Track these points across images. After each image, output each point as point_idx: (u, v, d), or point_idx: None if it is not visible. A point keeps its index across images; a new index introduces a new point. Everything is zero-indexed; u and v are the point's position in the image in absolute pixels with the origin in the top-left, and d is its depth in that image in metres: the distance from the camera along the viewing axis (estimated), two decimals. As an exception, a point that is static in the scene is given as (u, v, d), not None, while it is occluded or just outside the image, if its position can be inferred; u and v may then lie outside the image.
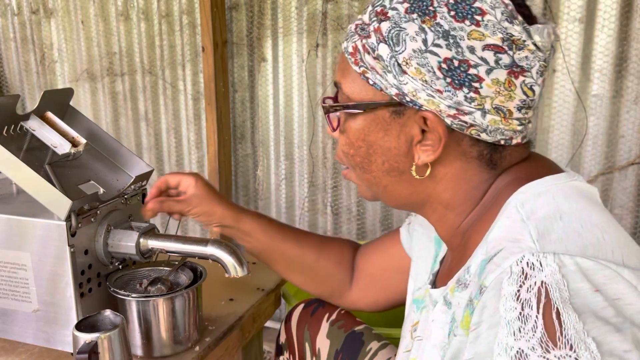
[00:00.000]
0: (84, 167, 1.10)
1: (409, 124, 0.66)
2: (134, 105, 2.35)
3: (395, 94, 0.64)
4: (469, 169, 0.67)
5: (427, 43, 0.61)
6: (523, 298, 0.52)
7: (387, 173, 0.70)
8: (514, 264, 0.54)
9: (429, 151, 0.65)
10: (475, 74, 0.61)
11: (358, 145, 0.70)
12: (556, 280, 0.51)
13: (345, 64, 0.69)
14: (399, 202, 0.73)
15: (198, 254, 0.97)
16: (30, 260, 0.96)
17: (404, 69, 0.62)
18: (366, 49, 0.65)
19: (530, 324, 0.51)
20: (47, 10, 2.41)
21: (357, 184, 0.76)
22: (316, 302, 1.10)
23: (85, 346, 0.81)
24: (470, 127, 0.63)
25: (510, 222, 0.59)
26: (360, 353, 1.00)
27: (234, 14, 2.08)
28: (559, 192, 0.61)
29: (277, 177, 2.17)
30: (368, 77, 0.65)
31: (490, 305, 0.54)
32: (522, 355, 0.50)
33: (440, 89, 0.62)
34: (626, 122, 1.67)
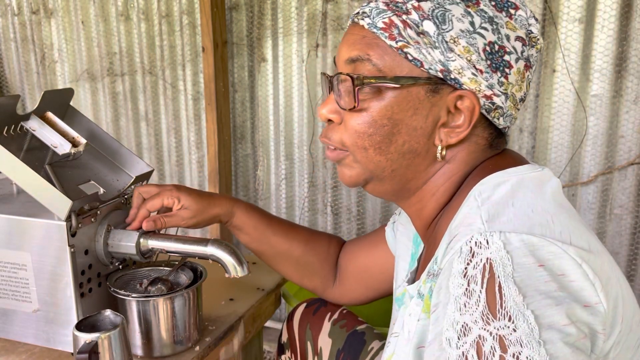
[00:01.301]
0: (84, 167, 1.10)
1: (439, 104, 0.66)
2: (134, 106, 2.35)
3: (440, 70, 0.64)
4: (475, 151, 0.69)
5: (474, 25, 0.64)
6: (469, 274, 0.54)
7: (402, 155, 0.69)
8: (463, 244, 0.56)
9: (454, 132, 0.67)
10: (508, 60, 0.65)
11: (382, 123, 0.67)
12: (501, 256, 0.53)
13: (368, 39, 0.67)
14: (395, 187, 0.72)
15: (198, 254, 0.97)
16: (30, 260, 0.96)
17: (451, 46, 0.64)
18: (407, 24, 0.64)
19: (474, 299, 0.53)
20: (48, 10, 2.41)
21: (346, 168, 0.73)
22: (318, 302, 1.10)
23: (86, 346, 0.81)
24: (495, 110, 0.67)
25: (467, 210, 0.61)
26: (362, 352, 1.00)
27: (234, 14, 2.08)
28: (517, 182, 0.63)
29: (277, 177, 2.17)
30: (408, 52, 0.64)
31: (444, 285, 0.57)
32: (466, 328, 0.52)
33: (482, 69, 0.64)
34: (626, 122, 1.67)
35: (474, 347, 0.51)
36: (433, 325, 0.57)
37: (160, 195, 0.99)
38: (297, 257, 1.04)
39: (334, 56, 1.95)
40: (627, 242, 1.76)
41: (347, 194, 2.07)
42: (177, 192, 0.98)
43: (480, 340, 0.51)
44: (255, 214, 1.03)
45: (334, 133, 0.72)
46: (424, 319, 0.62)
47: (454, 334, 0.53)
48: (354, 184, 0.74)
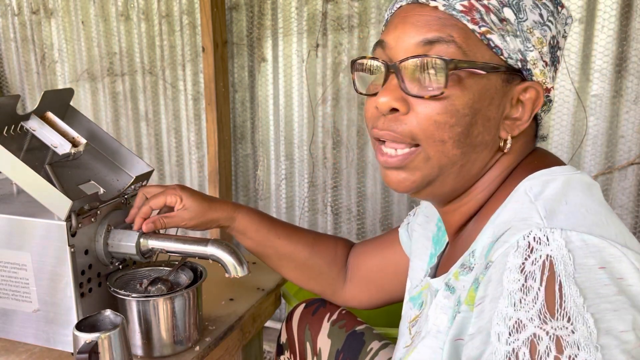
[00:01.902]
0: (84, 167, 1.10)
1: (509, 95, 0.64)
2: (134, 106, 2.35)
3: (519, 60, 0.62)
4: (525, 142, 0.69)
5: (543, 17, 0.63)
6: (527, 270, 0.52)
7: (474, 148, 0.64)
8: (520, 238, 0.54)
9: (516, 124, 0.66)
10: (559, 55, 0.66)
11: (464, 113, 0.62)
12: (562, 254, 0.51)
13: (444, 20, 0.62)
14: (455, 187, 0.68)
15: (198, 254, 0.97)
16: (30, 260, 0.96)
17: (528, 36, 0.62)
18: (489, 8, 0.61)
19: (531, 296, 0.51)
20: (48, 10, 2.41)
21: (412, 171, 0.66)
22: (317, 302, 1.10)
23: (86, 346, 0.81)
24: (547, 103, 0.67)
25: (519, 205, 0.59)
26: (361, 353, 1.00)
27: (234, 14, 2.08)
28: (566, 180, 0.61)
29: (277, 177, 2.17)
30: (490, 39, 0.61)
31: (495, 279, 0.54)
32: (520, 325, 0.50)
33: (547, 62, 0.64)
34: (626, 122, 1.67)
35: (527, 345, 0.49)
36: (477, 318, 0.55)
37: (163, 193, 0.98)
38: (303, 260, 1.02)
39: (334, 56, 1.95)
40: (627, 242, 1.76)
41: (347, 194, 2.07)
42: (180, 191, 0.98)
43: (535, 338, 0.49)
44: (258, 217, 1.02)
45: (399, 124, 0.64)
46: (465, 311, 0.59)
47: (505, 329, 0.51)
48: (415, 188, 0.67)
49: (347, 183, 2.06)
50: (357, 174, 2.04)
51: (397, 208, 2.00)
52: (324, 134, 2.04)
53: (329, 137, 2.04)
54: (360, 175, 2.04)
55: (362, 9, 1.88)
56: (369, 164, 2.01)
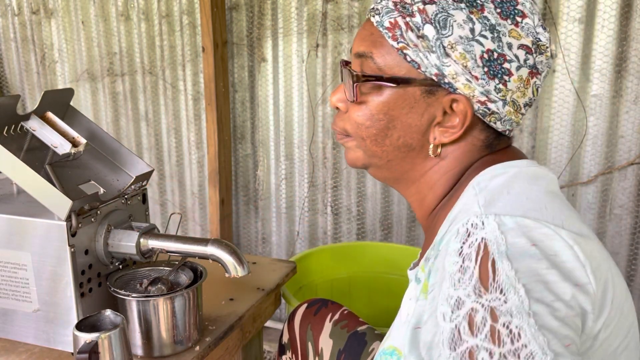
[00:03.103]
0: (84, 167, 1.10)
1: (435, 105, 0.69)
2: (134, 106, 2.35)
3: (434, 74, 0.67)
4: (470, 151, 0.72)
5: (474, 32, 0.65)
6: (465, 253, 0.56)
7: (397, 148, 0.72)
8: (460, 226, 0.58)
9: (448, 132, 0.70)
10: (507, 68, 0.66)
11: (379, 118, 0.71)
12: (495, 235, 0.55)
13: (375, 36, 0.70)
14: (393, 176, 0.76)
15: (198, 253, 0.97)
16: (30, 260, 0.96)
17: (448, 52, 0.65)
18: (409, 26, 0.66)
19: (468, 274, 0.54)
20: (48, 10, 2.41)
21: (351, 151, 0.77)
22: (319, 302, 1.10)
23: (86, 346, 0.81)
24: (491, 115, 0.69)
25: (466, 198, 0.65)
26: (363, 353, 1.00)
27: (234, 14, 2.08)
28: (514, 174, 0.66)
29: (277, 177, 2.17)
30: (407, 54, 0.67)
31: (441, 266, 0.59)
32: (460, 302, 0.54)
33: (477, 76, 0.66)
34: (626, 122, 1.67)
35: (466, 319, 0.53)
36: (429, 305, 0.60)
37: None
38: None
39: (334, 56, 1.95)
40: (626, 242, 1.76)
41: (347, 194, 2.07)
42: None
43: (472, 312, 0.52)
44: None
45: (339, 120, 0.76)
46: (421, 299, 0.64)
47: (448, 308, 0.54)
48: (355, 165, 0.79)
49: (347, 183, 2.06)
50: (357, 174, 2.04)
51: (397, 208, 2.00)
52: (324, 134, 2.04)
53: (329, 137, 2.04)
54: (360, 175, 2.03)
55: (362, 9, 1.88)
56: (369, 164, 2.01)
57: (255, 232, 2.27)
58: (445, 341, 0.53)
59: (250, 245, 2.30)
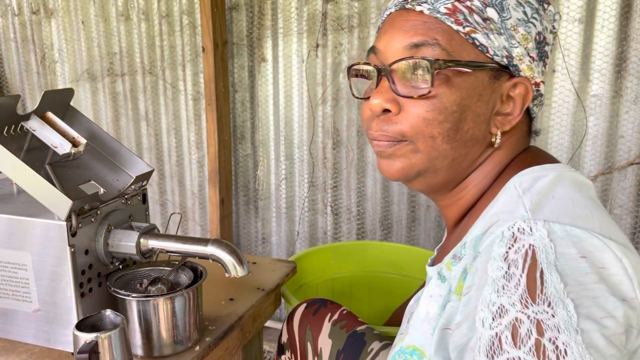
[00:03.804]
0: (84, 167, 1.10)
1: (498, 91, 0.67)
2: (134, 106, 2.35)
3: (505, 56, 0.65)
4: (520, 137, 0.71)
5: (527, 15, 0.66)
6: (510, 258, 0.54)
7: (464, 143, 0.67)
8: (505, 229, 0.57)
9: (507, 119, 0.68)
10: (547, 51, 0.68)
11: (452, 110, 0.65)
12: (544, 244, 0.53)
13: (430, 24, 0.65)
14: (446, 179, 0.70)
15: (198, 253, 0.97)
16: (30, 260, 0.96)
17: (512, 33, 0.65)
18: (472, 9, 0.64)
19: (513, 282, 0.53)
20: (48, 10, 2.41)
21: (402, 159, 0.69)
22: (318, 302, 1.10)
23: (86, 346, 0.81)
24: (538, 97, 0.70)
25: (508, 199, 0.62)
26: (362, 353, 1.00)
27: (234, 14, 2.08)
28: (556, 177, 0.63)
29: (277, 177, 2.17)
30: (475, 38, 0.64)
31: (481, 268, 0.57)
32: (503, 310, 0.52)
33: (534, 57, 0.67)
34: (626, 122, 1.67)
35: (509, 329, 0.51)
36: (464, 307, 0.58)
37: None
38: None
39: (334, 56, 1.95)
40: (627, 242, 1.76)
41: (347, 194, 2.07)
42: None
43: (517, 322, 0.51)
44: None
45: (390, 124, 0.68)
46: (454, 300, 0.62)
47: (489, 315, 0.53)
48: (404, 177, 0.70)
49: (347, 183, 2.06)
50: (357, 174, 2.04)
51: (397, 208, 2.00)
52: (324, 134, 2.04)
53: (329, 137, 2.04)
54: (360, 175, 2.04)
55: (362, 9, 1.88)
56: (369, 164, 2.01)
57: (255, 232, 2.27)
58: (483, 348, 0.52)
59: (250, 245, 2.30)
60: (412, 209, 1.97)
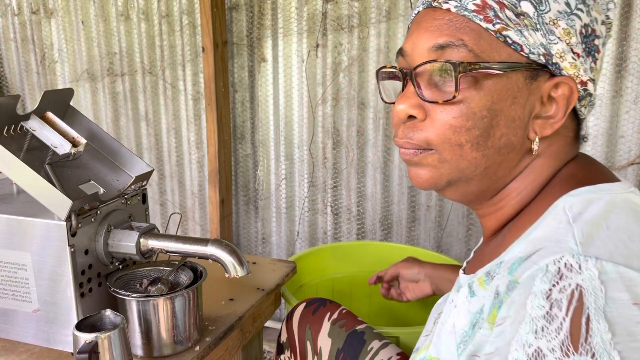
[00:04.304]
0: (84, 167, 1.10)
1: (536, 92, 0.61)
2: (134, 106, 2.35)
3: (542, 54, 0.59)
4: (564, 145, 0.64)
5: (570, 6, 0.59)
6: (554, 298, 0.49)
7: (498, 150, 0.62)
8: (550, 262, 0.51)
9: (549, 122, 0.61)
10: (597, 45, 0.61)
11: (482, 115, 0.60)
12: (593, 286, 0.48)
13: (457, 23, 0.60)
14: (481, 188, 0.65)
15: (198, 253, 0.97)
16: (30, 260, 0.96)
17: (551, 28, 0.59)
18: (504, 5, 0.59)
19: (555, 325, 0.48)
20: (48, 10, 2.41)
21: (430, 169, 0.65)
22: (318, 301, 1.10)
23: (86, 346, 0.81)
24: (585, 98, 0.62)
25: (556, 223, 0.56)
26: (362, 352, 1.00)
27: (234, 14, 2.08)
28: (611, 201, 0.57)
29: (277, 177, 2.17)
30: (507, 35, 0.59)
31: (518, 302, 0.53)
32: (540, 354, 0.48)
33: (579, 53, 0.60)
34: (626, 122, 1.67)
35: None
36: (496, 338, 0.54)
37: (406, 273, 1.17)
38: None
39: (334, 56, 1.95)
40: (627, 242, 1.76)
41: (347, 194, 2.07)
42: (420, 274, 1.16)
43: None
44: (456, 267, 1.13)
45: (416, 131, 0.64)
46: (485, 328, 0.57)
47: (523, 356, 0.49)
48: (434, 186, 0.66)
49: (347, 183, 2.06)
50: (357, 174, 2.04)
51: (397, 208, 2.00)
52: (324, 134, 2.04)
53: (329, 137, 2.04)
54: (360, 175, 2.03)
55: (362, 9, 1.88)
56: (369, 164, 2.01)
57: (255, 232, 2.27)
58: None
59: (250, 245, 2.30)
60: (412, 209, 1.97)
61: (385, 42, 1.87)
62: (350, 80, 1.95)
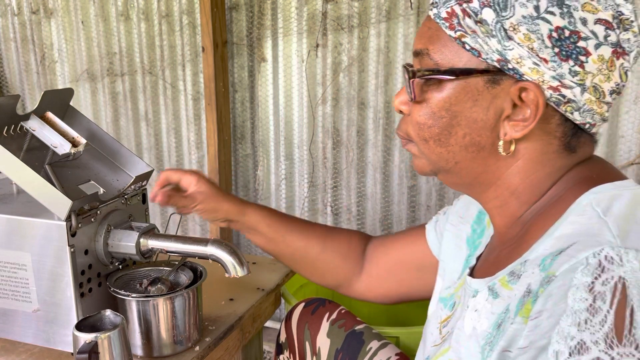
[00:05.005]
0: (84, 167, 1.10)
1: (501, 96, 0.63)
2: (134, 106, 2.35)
3: (496, 60, 0.61)
4: (548, 152, 0.65)
5: (539, 10, 0.59)
6: (597, 290, 0.50)
7: (464, 148, 0.66)
8: (590, 255, 0.52)
9: (519, 126, 0.63)
10: (583, 47, 0.59)
11: (440, 115, 0.66)
12: (636, 277, 0.49)
13: (433, 30, 0.65)
14: (464, 180, 0.70)
15: (198, 254, 0.97)
16: (30, 260, 0.96)
17: (510, 34, 0.60)
18: (467, 12, 0.62)
19: (599, 318, 0.49)
20: (47, 10, 2.41)
21: (416, 159, 0.73)
22: (317, 301, 1.10)
23: (86, 346, 0.81)
24: (567, 104, 0.62)
25: (586, 219, 0.57)
26: (361, 352, 1.00)
27: (234, 14, 2.08)
28: (633, 197, 0.58)
29: (277, 177, 2.17)
30: (465, 42, 0.62)
31: (557, 295, 0.53)
32: (583, 347, 0.49)
33: (546, 58, 0.60)
34: (626, 122, 1.67)
35: None
36: (530, 332, 0.54)
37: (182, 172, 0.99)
38: (316, 255, 1.00)
39: (334, 56, 1.94)
40: (626, 242, 1.76)
41: (347, 194, 2.07)
42: (196, 175, 0.98)
43: None
44: (268, 212, 1.01)
45: (403, 123, 0.72)
46: (518, 322, 0.57)
47: (565, 349, 0.49)
48: (423, 173, 0.74)
49: (347, 183, 2.06)
50: (357, 174, 2.04)
51: (397, 208, 2.00)
52: (324, 134, 2.05)
53: (329, 137, 2.04)
54: (360, 175, 2.04)
55: (362, 9, 1.88)
56: (369, 164, 2.01)
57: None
58: None
59: (250, 245, 2.30)
60: (412, 209, 1.97)
61: (385, 42, 1.88)
62: (350, 80, 1.95)
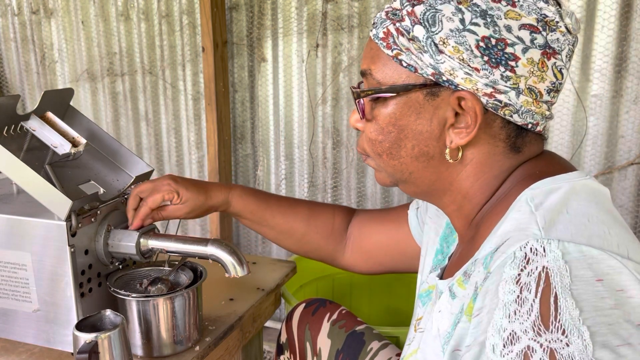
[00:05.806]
0: (84, 167, 1.10)
1: (442, 106, 0.65)
2: (134, 106, 2.35)
3: (431, 74, 0.64)
4: (494, 154, 0.67)
5: (464, 22, 0.62)
6: (523, 282, 0.52)
7: (415, 158, 0.69)
8: (517, 249, 0.54)
9: (463, 133, 0.65)
10: (511, 52, 0.62)
11: (388, 130, 0.69)
12: (558, 266, 0.51)
13: (374, 51, 0.69)
14: (421, 188, 0.72)
15: (198, 254, 0.97)
16: (30, 260, 0.96)
17: (441, 48, 0.62)
18: (400, 31, 0.65)
19: (526, 307, 0.51)
20: (48, 10, 2.41)
21: (376, 172, 0.76)
22: (317, 302, 1.10)
23: (86, 346, 0.81)
24: (505, 107, 0.64)
25: (520, 215, 0.59)
26: (361, 353, 1.00)
27: (234, 14, 2.08)
28: (570, 189, 0.61)
29: (277, 177, 2.17)
30: (402, 59, 0.65)
31: (491, 290, 0.55)
32: (514, 337, 0.51)
33: (477, 67, 0.62)
34: (626, 122, 1.68)
35: (520, 357, 0.50)
36: (474, 329, 0.56)
37: (159, 191, 0.99)
38: (300, 237, 1.05)
39: (334, 56, 1.94)
40: (627, 242, 1.76)
41: (347, 194, 2.07)
42: (175, 185, 0.99)
43: (529, 351, 0.49)
44: (251, 199, 1.05)
45: (360, 140, 0.75)
46: (464, 321, 0.60)
47: (500, 341, 0.51)
48: (384, 184, 0.77)
49: (347, 183, 2.06)
50: (357, 174, 2.04)
51: (397, 208, 2.00)
52: (324, 134, 2.05)
53: (329, 137, 2.04)
54: (360, 175, 2.04)
55: (362, 9, 1.88)
56: (369, 164, 2.01)
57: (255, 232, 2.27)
58: None
59: (250, 245, 2.30)
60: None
61: (385, 42, 1.88)
62: (350, 80, 1.95)
